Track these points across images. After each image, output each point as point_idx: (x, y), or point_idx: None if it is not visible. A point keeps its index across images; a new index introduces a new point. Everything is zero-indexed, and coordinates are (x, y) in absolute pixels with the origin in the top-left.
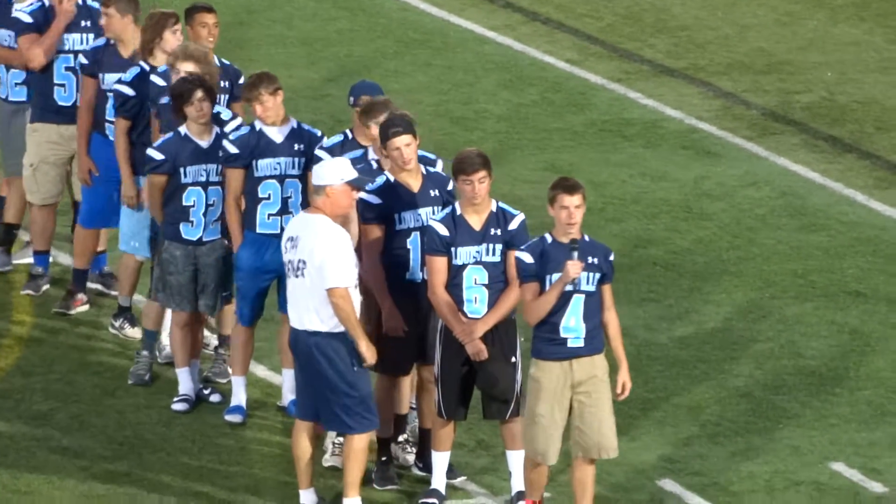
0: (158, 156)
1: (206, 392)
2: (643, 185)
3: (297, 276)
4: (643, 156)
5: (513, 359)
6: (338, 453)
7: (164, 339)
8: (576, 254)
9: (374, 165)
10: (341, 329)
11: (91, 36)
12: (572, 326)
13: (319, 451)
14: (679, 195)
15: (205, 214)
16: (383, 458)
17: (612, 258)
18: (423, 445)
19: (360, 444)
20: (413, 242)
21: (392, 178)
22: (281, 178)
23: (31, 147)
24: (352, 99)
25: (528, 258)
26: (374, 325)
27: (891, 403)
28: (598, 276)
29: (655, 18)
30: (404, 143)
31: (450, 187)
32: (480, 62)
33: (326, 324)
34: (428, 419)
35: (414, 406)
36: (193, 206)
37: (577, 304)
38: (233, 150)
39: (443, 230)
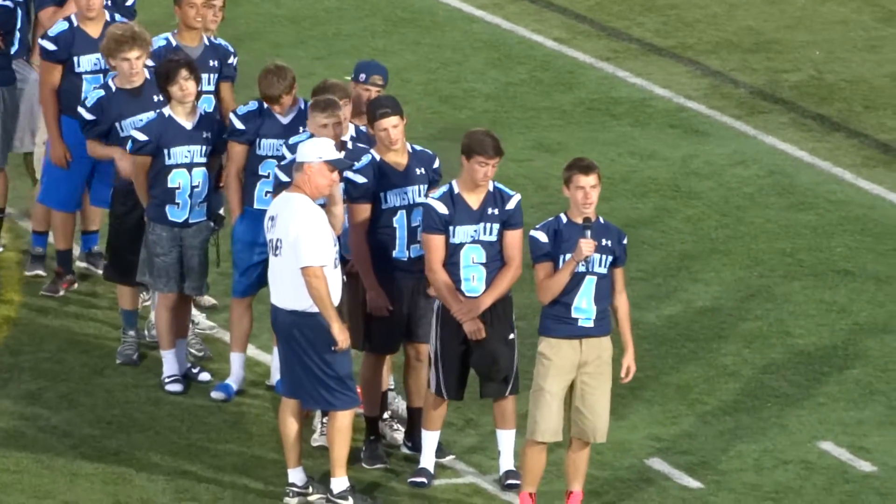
0: (142, 136)
1: (194, 371)
2: (632, 164)
3: (276, 255)
4: (631, 135)
5: (510, 336)
6: (325, 433)
7: (153, 317)
8: (589, 233)
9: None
10: (317, 309)
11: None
12: (584, 307)
13: (309, 430)
14: (667, 174)
15: (190, 196)
16: (371, 437)
17: (625, 241)
18: (412, 425)
19: (344, 421)
20: (399, 221)
21: (378, 157)
22: (282, 160)
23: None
24: (363, 76)
25: (542, 237)
26: (361, 305)
27: (879, 382)
28: (610, 258)
29: None
30: (392, 125)
31: (436, 165)
32: (469, 41)
33: (302, 303)
34: (417, 398)
35: (391, 387)
36: (179, 187)
37: (589, 285)
38: (238, 125)
39: (442, 208)
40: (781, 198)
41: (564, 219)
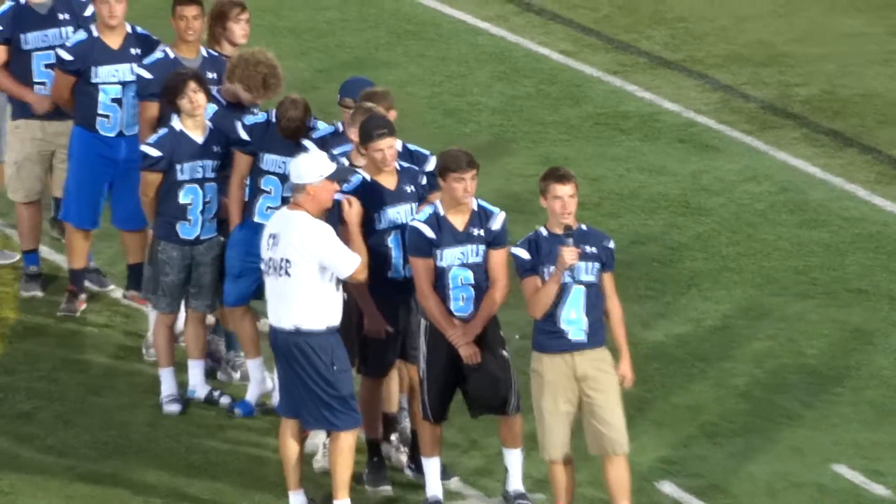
0: (154, 152)
1: (215, 395)
2: (640, 180)
3: (279, 276)
4: (640, 149)
5: (503, 353)
6: (327, 455)
7: (152, 335)
8: (570, 240)
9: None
10: (321, 328)
11: (70, 29)
12: (573, 319)
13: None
14: (677, 190)
15: (202, 212)
16: (374, 459)
17: (611, 245)
18: (415, 447)
19: (347, 442)
20: (394, 241)
21: (369, 178)
22: (283, 178)
23: (15, 144)
24: (339, 97)
25: (523, 254)
26: (355, 327)
27: (894, 403)
28: (597, 265)
29: (652, 9)
30: (387, 146)
31: (423, 181)
32: (474, 53)
33: (311, 322)
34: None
35: (404, 407)
36: (191, 204)
37: (577, 295)
38: (243, 135)
39: (428, 232)
40: (793, 214)
41: (544, 231)
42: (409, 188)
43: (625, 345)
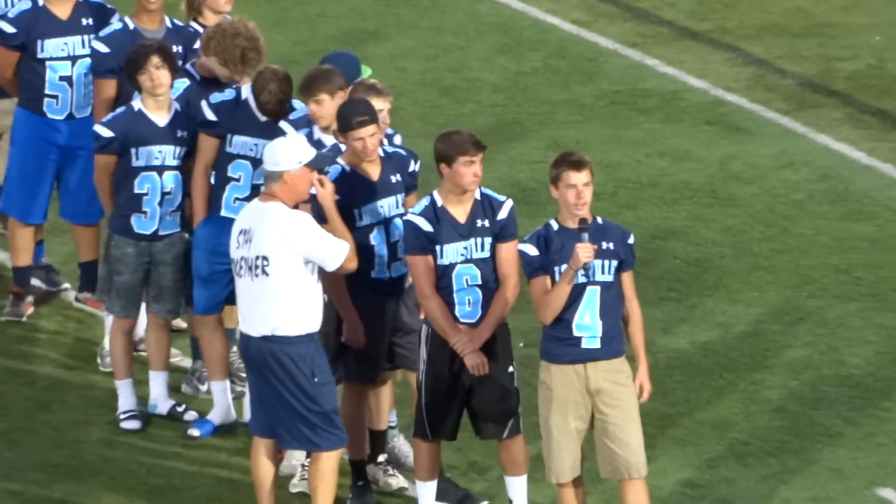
0: (106, 132)
1: (179, 409)
2: (662, 167)
3: (254, 276)
4: (662, 132)
5: (510, 369)
6: (306, 477)
7: (108, 343)
8: (586, 235)
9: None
10: (302, 334)
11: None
12: (587, 324)
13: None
14: (703, 178)
15: (160, 204)
16: (359, 483)
17: (631, 241)
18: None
19: (330, 463)
20: (377, 238)
21: (348, 168)
22: (255, 162)
23: None
24: None
25: (532, 250)
26: (335, 333)
27: None
28: (614, 263)
29: None
30: (369, 134)
31: (411, 169)
32: (474, 23)
33: (290, 327)
34: None
35: (393, 425)
36: (147, 194)
37: (591, 297)
38: (210, 115)
39: (426, 225)
40: (835, 206)
41: (555, 225)
42: (395, 178)
43: (643, 352)
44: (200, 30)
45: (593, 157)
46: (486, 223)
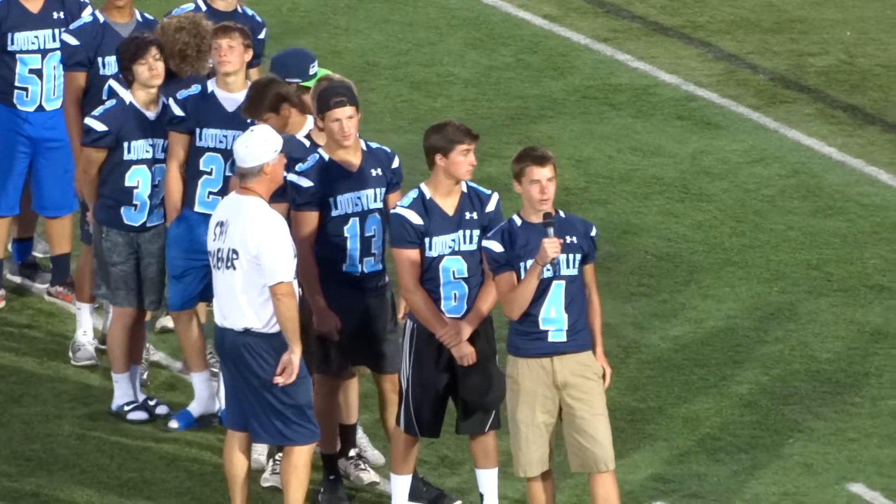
0: (100, 126)
1: (151, 403)
2: (633, 162)
3: (226, 268)
4: (633, 127)
5: (496, 359)
6: (278, 472)
7: (80, 337)
8: (552, 230)
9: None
10: (277, 329)
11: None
12: (553, 318)
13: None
14: (674, 173)
15: (150, 196)
16: (331, 477)
17: (594, 234)
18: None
19: (303, 458)
20: (351, 230)
21: (327, 157)
22: (226, 154)
23: None
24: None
25: (496, 246)
26: (306, 324)
27: None
28: (578, 257)
29: None
30: (346, 115)
31: (395, 165)
32: (445, 18)
33: (261, 322)
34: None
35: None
36: (137, 187)
37: (557, 291)
38: (178, 111)
39: (416, 218)
40: (806, 201)
41: (518, 220)
42: (376, 171)
43: (599, 335)
44: (204, 8)
45: (565, 152)
46: (475, 215)
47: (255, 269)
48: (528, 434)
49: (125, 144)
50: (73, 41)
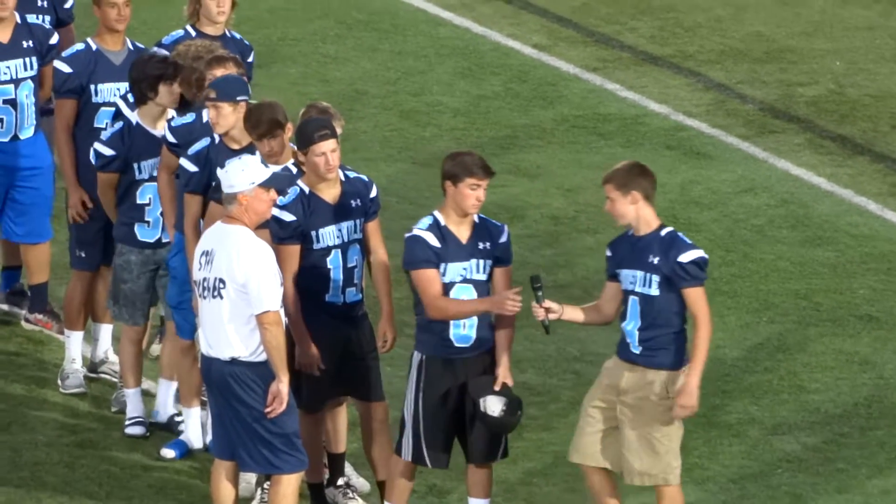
0: (108, 151)
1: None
2: None
3: (213, 297)
4: (622, 157)
5: (510, 383)
6: (266, 500)
7: (68, 365)
8: (541, 294)
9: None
10: (264, 357)
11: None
12: (629, 330)
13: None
14: (664, 203)
15: (162, 213)
16: None
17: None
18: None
19: (290, 486)
20: (334, 261)
21: (307, 190)
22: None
23: None
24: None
25: (433, 239)
26: (288, 357)
27: None
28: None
29: None
30: (330, 149)
31: (373, 194)
32: (434, 47)
33: (248, 350)
34: (382, 470)
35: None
36: (149, 204)
37: (634, 307)
38: (170, 138)
39: (434, 241)
40: (795, 231)
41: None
42: (355, 202)
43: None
44: (194, 34)
45: (554, 182)
46: (488, 245)
47: (242, 297)
48: (581, 420)
49: (135, 166)
50: (66, 68)
